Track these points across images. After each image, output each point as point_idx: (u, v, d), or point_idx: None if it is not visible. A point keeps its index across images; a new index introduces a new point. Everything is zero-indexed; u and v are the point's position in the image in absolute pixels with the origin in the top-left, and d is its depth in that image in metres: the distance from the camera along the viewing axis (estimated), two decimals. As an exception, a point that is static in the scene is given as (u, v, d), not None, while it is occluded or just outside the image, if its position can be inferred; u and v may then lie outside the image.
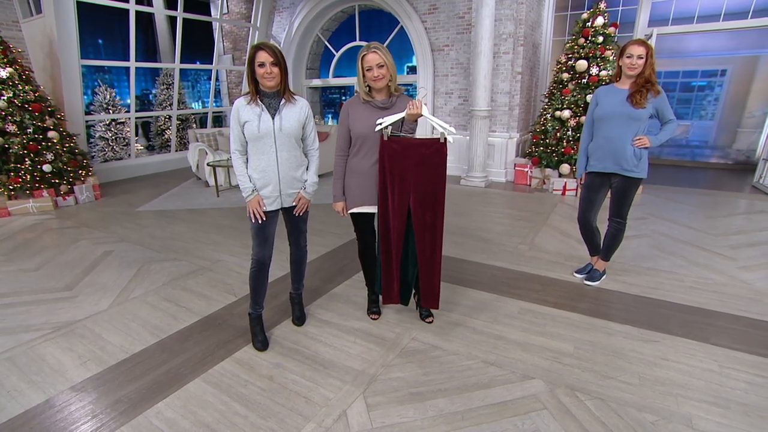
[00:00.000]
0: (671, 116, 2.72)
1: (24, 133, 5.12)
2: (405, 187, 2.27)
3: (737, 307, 2.75)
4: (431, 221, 2.33)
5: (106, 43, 9.58)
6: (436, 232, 2.35)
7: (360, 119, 2.27)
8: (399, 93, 2.30)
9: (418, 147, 2.23)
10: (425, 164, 2.25)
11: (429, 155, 2.25)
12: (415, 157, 2.23)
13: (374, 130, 2.22)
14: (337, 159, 2.40)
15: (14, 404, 1.95)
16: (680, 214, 4.83)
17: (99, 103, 7.50)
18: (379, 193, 2.32)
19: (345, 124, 2.33)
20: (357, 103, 2.32)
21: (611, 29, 5.70)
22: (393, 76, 2.21)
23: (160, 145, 9.00)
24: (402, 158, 2.23)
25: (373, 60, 2.14)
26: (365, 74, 2.19)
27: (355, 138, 2.31)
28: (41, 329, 2.58)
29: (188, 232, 4.42)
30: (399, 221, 2.32)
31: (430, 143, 2.24)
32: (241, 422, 1.82)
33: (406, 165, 2.24)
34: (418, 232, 2.34)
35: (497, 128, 6.69)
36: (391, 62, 2.17)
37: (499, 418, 1.82)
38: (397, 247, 2.38)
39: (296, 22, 8.49)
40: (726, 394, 1.96)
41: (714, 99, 9.17)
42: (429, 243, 2.36)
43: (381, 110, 2.25)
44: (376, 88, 2.22)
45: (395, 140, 2.22)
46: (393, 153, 2.22)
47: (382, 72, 2.15)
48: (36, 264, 3.60)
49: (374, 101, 2.26)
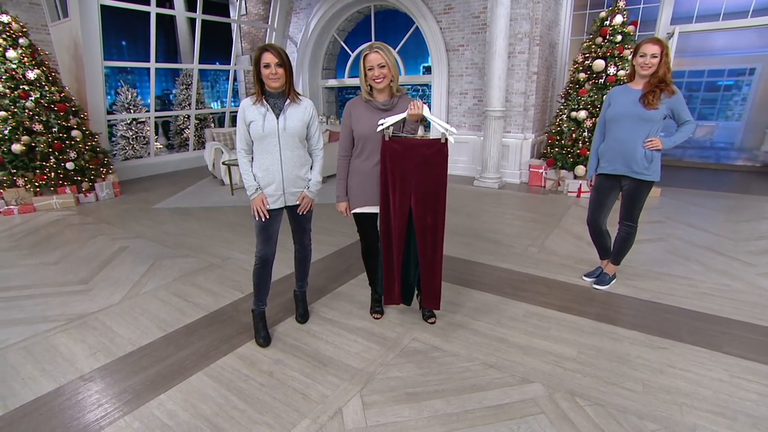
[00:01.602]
0: (688, 117, 2.64)
1: (49, 132, 5.33)
2: (406, 187, 2.27)
3: (754, 315, 2.64)
4: (432, 221, 2.32)
5: (129, 44, 9.88)
6: (437, 232, 2.34)
7: (362, 120, 2.28)
8: (401, 94, 2.29)
9: (419, 147, 2.23)
10: (426, 164, 2.25)
11: (430, 155, 2.24)
12: (417, 157, 2.23)
13: (376, 131, 2.22)
14: (340, 160, 2.42)
15: (27, 391, 2.04)
16: (699, 217, 4.67)
17: (121, 103, 7.75)
18: (381, 193, 2.32)
19: (348, 125, 2.34)
20: (359, 103, 2.33)
21: (630, 28, 5.56)
22: (395, 77, 2.20)
23: (179, 144, 9.23)
24: (403, 158, 2.23)
25: (374, 60, 2.14)
26: (367, 74, 2.19)
27: (358, 138, 2.32)
28: (57, 320, 2.69)
29: (201, 229, 4.52)
30: (400, 221, 2.32)
31: (431, 143, 2.24)
32: (239, 416, 1.85)
33: (407, 165, 2.24)
34: (419, 232, 2.34)
35: (512, 129, 6.61)
36: (392, 63, 2.16)
37: (495, 421, 1.80)
38: (398, 247, 2.37)
39: (312, 22, 8.58)
40: (735, 405, 1.89)
41: (741, 99, 8.84)
42: (430, 243, 2.35)
43: (382, 112, 2.25)
44: (378, 89, 2.22)
45: (396, 140, 2.22)
46: (394, 153, 2.23)
47: (383, 72, 2.15)
48: (56, 258, 3.74)
49: (375, 102, 2.26)
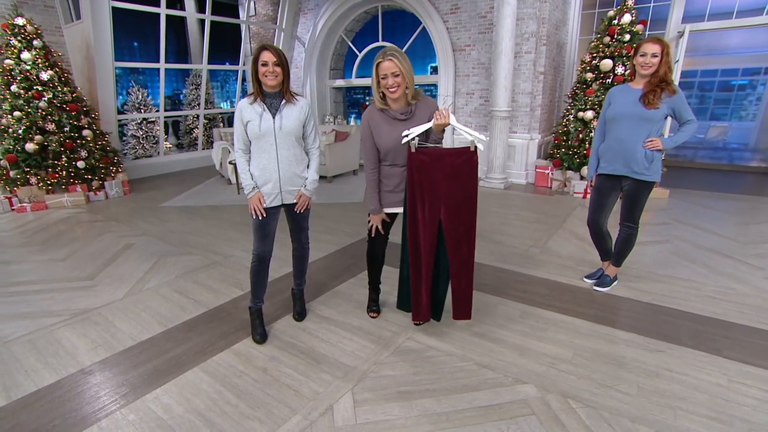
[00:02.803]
0: (690, 116, 2.60)
1: (61, 132, 5.46)
2: (436, 199, 2.17)
3: (758, 319, 2.59)
4: (464, 232, 2.23)
5: (141, 45, 10.06)
6: (470, 243, 2.25)
7: (384, 134, 2.19)
8: (417, 99, 2.18)
9: (448, 157, 2.12)
10: (456, 175, 2.14)
11: (459, 165, 2.13)
12: (446, 168, 2.12)
13: (401, 143, 2.12)
14: (369, 175, 2.31)
15: (29, 382, 2.10)
16: (708, 219, 4.58)
17: (132, 103, 7.89)
18: (408, 206, 2.22)
19: (370, 139, 2.24)
20: (375, 113, 2.22)
21: (639, 27, 5.48)
22: (410, 84, 2.09)
23: (189, 143, 9.36)
24: (432, 170, 2.12)
25: (387, 68, 2.02)
26: (380, 82, 2.09)
27: (383, 151, 2.24)
28: (61, 315, 2.75)
29: (206, 227, 4.58)
30: (430, 234, 2.22)
31: (459, 153, 2.12)
32: (231, 411, 1.88)
33: (436, 177, 2.13)
34: (450, 244, 2.24)
35: (518, 129, 6.57)
36: (407, 70, 2.05)
37: (484, 421, 1.79)
38: (428, 261, 2.26)
39: (320, 23, 8.63)
40: (731, 410, 1.85)
41: (756, 98, 8.64)
42: (465, 255, 2.25)
43: (402, 122, 2.15)
44: (392, 99, 2.13)
45: (424, 152, 2.12)
46: (422, 165, 2.12)
47: (397, 81, 2.04)
48: (64, 254, 3.83)
49: (392, 111, 2.17)
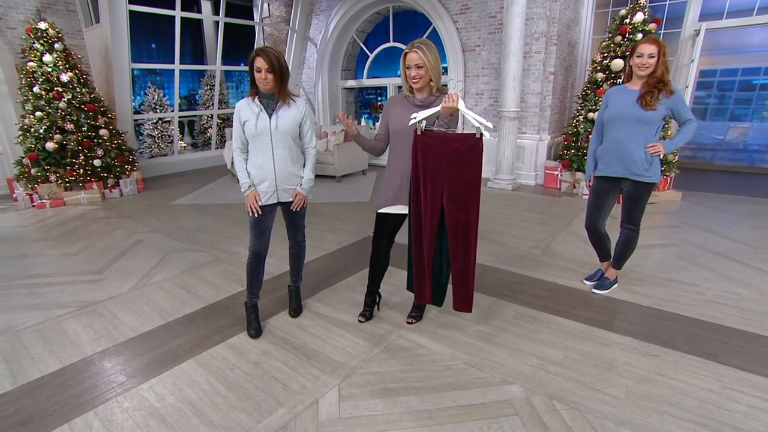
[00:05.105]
0: (689, 116, 2.55)
1: (79, 131, 5.67)
2: (438, 183, 2.18)
3: (760, 325, 2.52)
4: (464, 219, 2.21)
5: (159, 47, 10.31)
6: (470, 231, 2.23)
7: (397, 115, 2.27)
8: (441, 93, 2.23)
9: (452, 142, 2.13)
10: (459, 160, 2.14)
11: (464, 151, 2.13)
12: (449, 152, 2.13)
13: (408, 125, 2.15)
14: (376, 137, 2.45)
15: (34, 369, 2.20)
16: (721, 223, 4.47)
17: (148, 103, 8.12)
18: (413, 189, 2.23)
19: (385, 118, 2.38)
20: (399, 98, 2.32)
21: (652, 26, 5.36)
22: (435, 77, 2.15)
23: (203, 142, 9.57)
24: (436, 153, 2.14)
25: (412, 60, 2.10)
26: (406, 72, 2.17)
27: (392, 134, 2.33)
28: (69, 307, 2.87)
29: (214, 225, 4.69)
30: (432, 218, 2.23)
31: (464, 138, 2.13)
32: (221, 402, 1.94)
33: (439, 160, 2.15)
34: (451, 230, 2.24)
35: (527, 130, 6.52)
36: (432, 63, 2.10)
37: (466, 420, 1.81)
38: (430, 245, 2.26)
39: (332, 24, 8.71)
40: (721, 416, 1.82)
41: (779, 99, 8.34)
42: (462, 242, 2.24)
43: (418, 108, 2.20)
44: (416, 89, 2.20)
45: (429, 135, 2.14)
46: (426, 148, 2.14)
47: (420, 73, 2.11)
48: (77, 249, 3.98)
49: (412, 98, 2.25)
